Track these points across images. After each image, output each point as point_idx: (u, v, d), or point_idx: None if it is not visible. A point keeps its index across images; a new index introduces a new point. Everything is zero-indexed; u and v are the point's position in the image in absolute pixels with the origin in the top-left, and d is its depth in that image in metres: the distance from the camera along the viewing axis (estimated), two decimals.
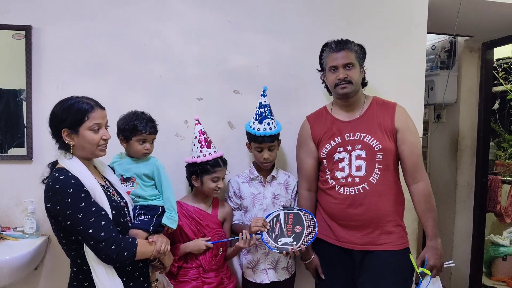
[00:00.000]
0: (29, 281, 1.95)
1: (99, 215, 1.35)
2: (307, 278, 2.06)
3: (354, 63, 1.78)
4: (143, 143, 1.65)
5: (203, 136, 1.88)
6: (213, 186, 1.84)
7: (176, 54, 2.04)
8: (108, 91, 1.97)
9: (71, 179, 1.34)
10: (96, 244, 1.32)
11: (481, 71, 3.24)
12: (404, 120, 1.79)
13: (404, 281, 1.74)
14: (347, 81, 1.76)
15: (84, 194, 1.34)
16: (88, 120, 1.39)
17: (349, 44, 1.79)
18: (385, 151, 1.75)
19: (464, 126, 3.27)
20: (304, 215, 1.85)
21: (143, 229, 1.53)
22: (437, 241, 1.74)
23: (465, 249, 3.29)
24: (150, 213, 1.59)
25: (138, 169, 1.65)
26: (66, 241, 1.40)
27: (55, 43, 1.95)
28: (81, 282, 1.41)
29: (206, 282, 1.80)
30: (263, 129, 1.88)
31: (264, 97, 1.93)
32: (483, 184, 3.25)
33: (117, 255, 1.35)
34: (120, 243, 1.36)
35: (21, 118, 1.95)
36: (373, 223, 1.73)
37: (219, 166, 1.84)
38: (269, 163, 1.93)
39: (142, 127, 1.63)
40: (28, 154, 1.94)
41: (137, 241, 1.43)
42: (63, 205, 1.31)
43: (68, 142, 1.39)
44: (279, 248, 1.77)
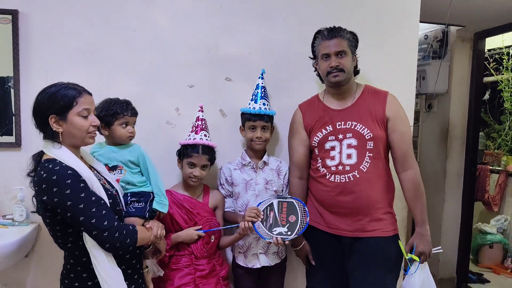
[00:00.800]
0: (20, 268, 1.94)
1: (99, 204, 1.33)
2: (298, 263, 2.08)
3: (346, 51, 1.77)
4: (126, 126, 1.62)
5: (198, 122, 1.88)
6: (188, 171, 1.83)
7: (167, 40, 2.02)
8: (97, 78, 1.94)
9: (67, 170, 1.31)
10: (99, 233, 1.31)
11: (472, 61, 3.27)
12: (395, 109, 1.79)
13: (393, 267, 1.77)
14: (339, 69, 1.75)
15: (82, 184, 1.32)
16: (76, 105, 1.34)
17: (341, 31, 1.79)
18: (375, 139, 1.76)
19: (454, 116, 3.30)
20: (298, 204, 1.86)
21: (140, 216, 1.54)
22: (425, 227, 1.76)
23: (453, 237, 3.35)
24: (143, 200, 1.58)
25: (122, 156, 1.62)
26: (62, 233, 1.37)
27: (43, 28, 1.91)
28: (79, 274, 1.39)
29: (198, 269, 1.82)
30: (259, 108, 1.92)
31: (262, 79, 1.97)
32: (472, 173, 3.31)
33: (120, 243, 1.34)
34: (122, 231, 1.35)
35: (9, 105, 1.92)
36: (363, 210, 1.75)
37: (197, 153, 1.82)
38: (261, 144, 1.93)
39: (123, 109, 1.61)
40: (16, 141, 1.92)
41: (137, 228, 1.42)
42: (62, 197, 1.28)
43: (56, 129, 1.34)
44: (273, 237, 1.78)
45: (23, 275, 1.96)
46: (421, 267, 1.74)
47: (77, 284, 1.40)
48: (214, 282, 1.84)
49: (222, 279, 1.89)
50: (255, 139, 1.92)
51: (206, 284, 1.81)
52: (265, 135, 1.93)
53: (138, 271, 1.54)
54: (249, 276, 1.96)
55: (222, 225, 1.93)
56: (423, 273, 1.75)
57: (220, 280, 1.87)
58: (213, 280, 1.84)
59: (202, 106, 1.92)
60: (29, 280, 1.97)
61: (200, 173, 1.83)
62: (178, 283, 1.78)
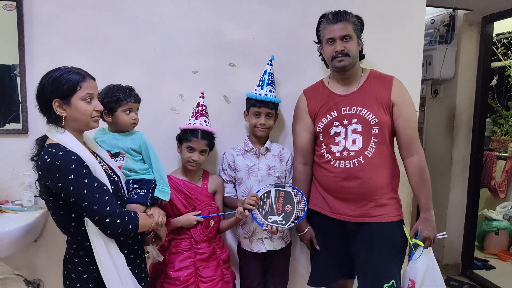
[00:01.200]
0: (29, 253, 1.98)
1: (102, 190, 1.34)
2: (303, 248, 2.10)
3: (351, 35, 1.75)
4: (129, 113, 1.62)
5: (198, 108, 1.90)
6: (187, 156, 1.85)
7: (170, 26, 2.01)
8: (101, 64, 1.94)
9: (71, 155, 1.31)
10: (102, 219, 1.32)
11: (480, 46, 3.21)
12: (401, 94, 1.78)
13: (398, 252, 1.78)
14: (344, 53, 1.74)
15: (86, 170, 1.32)
16: (80, 89, 1.35)
17: (347, 15, 1.76)
18: (380, 124, 1.75)
19: (461, 102, 3.26)
20: (295, 193, 1.86)
21: (142, 203, 1.55)
22: (430, 213, 1.76)
23: (459, 223, 3.34)
24: (145, 187, 1.59)
25: (125, 143, 1.62)
26: (64, 218, 1.38)
27: (47, 15, 1.91)
28: (82, 258, 1.41)
29: (198, 253, 1.84)
30: (265, 94, 1.91)
31: (270, 65, 1.97)
32: (478, 160, 3.28)
33: (122, 229, 1.35)
34: (124, 217, 1.36)
35: (15, 93, 1.93)
36: (368, 196, 1.75)
37: (196, 137, 1.84)
38: (264, 131, 1.94)
39: (126, 96, 1.60)
40: (23, 128, 1.94)
41: (138, 215, 1.44)
42: (66, 182, 1.28)
43: (60, 113, 1.35)
44: (268, 225, 1.80)
45: (32, 259, 2.01)
46: (425, 252, 1.75)
47: (80, 269, 1.42)
48: (214, 265, 1.86)
49: (223, 262, 1.91)
50: (259, 125, 1.92)
51: (206, 267, 1.83)
52: (269, 122, 1.93)
53: (140, 256, 1.57)
54: (255, 260, 1.98)
55: (221, 210, 1.95)
56: (427, 258, 1.75)
57: (220, 263, 1.89)
58: (213, 263, 1.86)
59: (203, 92, 1.92)
60: (38, 264, 2.01)
61: (198, 158, 1.84)
62: (178, 266, 1.81)
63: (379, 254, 1.74)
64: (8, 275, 1.96)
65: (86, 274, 1.41)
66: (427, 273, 1.73)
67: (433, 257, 1.77)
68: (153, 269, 1.89)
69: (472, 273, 3.33)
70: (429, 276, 1.73)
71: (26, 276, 1.98)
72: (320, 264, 1.93)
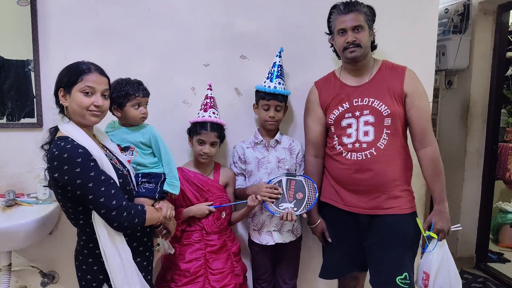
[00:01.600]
0: (44, 245, 2.02)
1: (109, 184, 1.35)
2: (314, 242, 2.10)
3: (363, 25, 1.73)
4: (138, 107, 1.61)
5: (207, 100, 1.90)
6: (198, 149, 1.85)
7: (181, 19, 2.01)
8: (115, 58, 1.95)
9: (78, 148, 1.33)
10: (108, 212, 1.33)
11: (495, 35, 3.13)
12: (414, 85, 1.76)
13: (411, 245, 1.77)
14: (356, 44, 1.72)
15: (93, 163, 1.33)
16: (81, 81, 1.36)
17: (358, 5, 1.74)
18: (393, 116, 1.73)
19: (475, 93, 3.19)
20: (306, 182, 1.87)
21: (150, 197, 1.55)
22: (444, 205, 1.74)
23: (473, 216, 3.30)
24: (153, 181, 1.59)
25: (134, 138, 1.62)
26: (73, 210, 1.40)
27: (60, 9, 1.93)
28: (92, 250, 1.43)
29: (209, 245, 1.85)
30: (274, 87, 1.90)
31: (279, 57, 1.96)
32: (493, 151, 3.23)
33: (128, 222, 1.36)
34: (130, 211, 1.37)
35: (30, 87, 1.96)
36: (380, 188, 1.74)
37: (205, 130, 1.84)
38: (274, 123, 1.93)
39: (134, 90, 1.60)
40: (38, 122, 1.97)
41: (146, 208, 1.44)
42: (72, 175, 1.30)
43: (62, 102, 1.38)
44: (280, 212, 1.81)
45: (48, 251, 2.04)
46: (439, 244, 1.73)
47: (90, 260, 1.44)
48: (224, 257, 1.87)
49: (234, 255, 1.92)
50: (268, 118, 1.91)
51: (216, 260, 1.84)
52: (278, 115, 1.92)
53: (149, 248, 1.59)
54: (264, 253, 1.99)
55: (232, 202, 1.95)
56: (441, 251, 1.73)
57: (231, 256, 1.90)
58: (223, 256, 1.87)
59: (211, 84, 1.93)
60: (53, 256, 2.05)
61: (209, 150, 1.85)
62: (189, 257, 1.83)
63: (391, 247, 1.73)
64: (24, 267, 2.00)
65: (96, 266, 1.44)
66: (442, 265, 1.72)
67: (447, 249, 1.76)
68: (164, 260, 1.91)
69: (486, 266, 3.29)
70: (444, 268, 1.72)
71: (42, 268, 2.02)
72: (332, 257, 1.93)
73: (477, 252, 3.35)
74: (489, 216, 3.32)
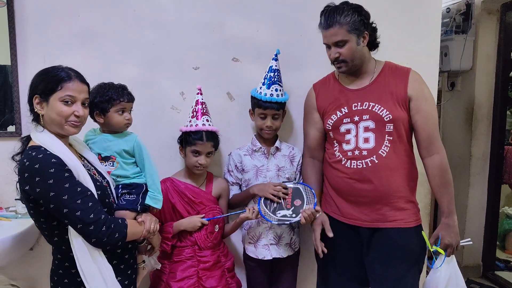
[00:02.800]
0: (25, 262, 1.91)
1: (85, 196, 1.25)
2: (312, 257, 1.98)
3: (345, 39, 1.58)
4: (122, 113, 1.51)
5: (198, 106, 1.78)
6: (193, 160, 1.74)
7: (169, 20, 1.91)
8: (98, 62, 1.86)
9: (51, 158, 1.23)
10: (85, 227, 1.23)
11: (499, 35, 3.05)
12: (419, 87, 1.63)
13: (415, 261, 1.64)
14: (340, 60, 1.62)
15: (67, 174, 1.24)
16: (61, 90, 1.26)
17: (338, 16, 1.56)
18: (396, 121, 1.61)
19: (480, 95, 3.11)
20: (304, 189, 1.78)
21: (131, 209, 1.44)
22: (452, 218, 1.62)
23: (479, 223, 3.20)
24: (134, 192, 1.48)
25: (118, 145, 1.51)
26: (47, 226, 1.30)
27: (39, 11, 1.83)
28: (67, 269, 1.33)
29: (201, 261, 1.74)
30: (270, 95, 1.79)
31: (276, 61, 1.83)
32: (499, 155, 3.14)
33: (108, 237, 1.27)
34: (110, 225, 1.28)
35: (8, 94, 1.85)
36: (383, 199, 1.62)
37: (201, 140, 1.73)
38: (271, 132, 1.83)
39: (119, 95, 1.50)
40: (16, 131, 1.86)
41: (127, 222, 1.35)
42: (45, 187, 1.20)
43: (38, 110, 1.28)
44: (277, 219, 1.71)
45: (29, 268, 1.93)
46: (447, 260, 1.61)
47: (66, 281, 1.34)
48: (218, 274, 1.75)
49: (228, 270, 1.80)
50: (265, 128, 1.81)
51: (210, 277, 1.72)
52: (275, 123, 1.82)
53: (131, 266, 1.48)
54: (261, 268, 1.87)
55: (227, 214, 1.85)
56: (449, 267, 1.61)
57: (225, 272, 1.79)
58: (217, 273, 1.75)
59: (201, 88, 1.80)
60: (35, 274, 1.93)
61: (205, 161, 1.75)
62: (180, 276, 1.71)
63: (394, 263, 1.61)
64: (4, 286, 1.89)
65: (72, 287, 1.33)
66: (450, 283, 1.60)
67: (456, 265, 1.64)
68: (153, 278, 1.80)
69: (494, 274, 3.19)
70: (452, 286, 1.60)
71: (23, 287, 1.91)
72: (330, 272, 1.80)
73: (483, 260, 3.25)
74: (495, 222, 3.24)
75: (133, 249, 1.49)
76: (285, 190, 1.77)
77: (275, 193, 1.75)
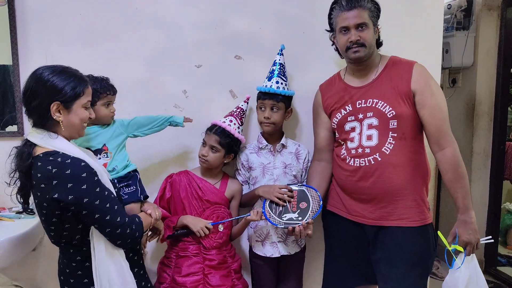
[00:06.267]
0: (28, 263, 1.89)
1: (112, 199, 1.27)
2: (318, 252, 1.99)
3: (367, 23, 1.59)
4: (108, 106, 1.56)
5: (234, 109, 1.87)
6: (199, 151, 1.79)
7: (171, 18, 1.90)
8: (100, 60, 1.85)
9: (80, 162, 1.21)
10: (113, 230, 1.25)
11: (500, 31, 3.04)
12: (423, 81, 1.59)
13: (420, 262, 1.60)
14: (360, 43, 1.58)
15: (96, 178, 1.24)
16: (83, 96, 1.27)
17: (361, 1, 1.59)
18: (399, 117, 1.58)
19: (481, 91, 3.10)
20: (308, 190, 1.77)
21: (135, 201, 1.50)
22: (469, 214, 1.55)
23: (481, 218, 3.18)
24: (131, 183, 1.53)
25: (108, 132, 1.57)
26: (70, 231, 1.27)
27: (40, 9, 1.81)
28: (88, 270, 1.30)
29: (207, 259, 1.73)
30: (270, 86, 1.80)
31: (280, 55, 1.84)
32: (500, 151, 3.13)
33: (131, 238, 1.30)
34: (132, 226, 1.30)
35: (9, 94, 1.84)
36: (386, 197, 1.59)
37: (210, 130, 1.80)
38: (270, 125, 1.81)
39: (105, 89, 1.54)
40: (19, 131, 1.85)
41: (141, 219, 1.37)
42: (79, 193, 1.18)
43: (57, 118, 1.23)
44: (284, 223, 1.69)
45: (32, 269, 1.91)
46: (467, 260, 1.54)
47: (86, 280, 1.32)
48: (224, 273, 1.74)
49: (234, 272, 1.79)
50: (263, 119, 1.80)
51: (215, 275, 1.71)
52: (274, 116, 1.80)
53: (138, 253, 1.50)
54: (268, 266, 1.86)
55: (235, 216, 1.83)
56: (469, 266, 1.54)
57: (231, 273, 1.78)
58: (223, 272, 1.74)
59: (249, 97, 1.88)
60: (38, 274, 1.92)
61: (207, 153, 1.75)
62: (186, 271, 1.70)
63: (398, 264, 1.58)
64: (6, 286, 1.87)
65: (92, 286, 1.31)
66: (470, 284, 1.53)
67: (477, 265, 1.57)
68: (160, 272, 1.80)
69: (496, 270, 3.18)
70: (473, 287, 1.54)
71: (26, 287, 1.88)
72: (336, 268, 1.80)
73: (486, 256, 3.23)
74: (497, 218, 3.23)
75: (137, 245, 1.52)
76: (291, 194, 1.75)
77: (280, 196, 1.73)
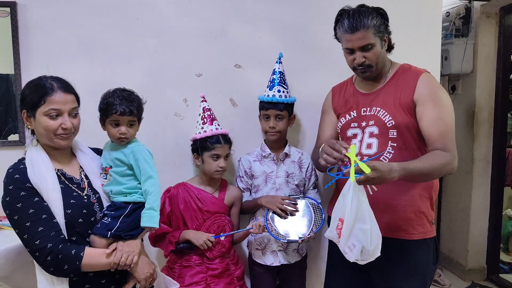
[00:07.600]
0: (29, 272, 1.84)
1: (37, 219, 1.18)
2: (319, 261, 1.98)
3: (372, 42, 1.51)
4: (116, 126, 1.36)
5: (206, 113, 1.79)
6: (214, 165, 1.73)
7: (171, 28, 1.91)
8: (101, 70, 1.86)
9: (15, 174, 1.22)
10: (31, 252, 1.20)
11: (499, 38, 3.07)
12: (427, 91, 1.53)
13: (419, 275, 1.57)
14: (366, 65, 1.54)
15: (23, 193, 1.19)
16: (44, 104, 1.21)
17: (364, 19, 1.48)
18: (399, 127, 1.54)
19: (480, 98, 3.11)
20: (311, 203, 1.77)
21: (99, 235, 1.28)
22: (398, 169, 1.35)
23: (482, 225, 3.18)
24: (112, 214, 1.31)
25: (113, 154, 1.38)
26: None
27: (42, 20, 1.83)
28: None
29: (210, 268, 1.72)
30: (272, 95, 1.79)
31: (279, 64, 1.84)
32: (501, 158, 3.14)
33: (54, 267, 1.19)
34: (57, 255, 1.18)
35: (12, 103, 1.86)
36: (385, 207, 1.55)
37: (219, 143, 1.73)
38: (276, 134, 1.81)
39: (114, 106, 1.34)
40: (20, 140, 1.86)
41: (83, 253, 1.22)
42: (4, 204, 1.21)
43: (28, 125, 1.26)
44: (287, 239, 1.70)
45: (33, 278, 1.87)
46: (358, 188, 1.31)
47: None
48: (227, 282, 1.74)
49: (237, 279, 1.78)
50: (269, 129, 1.80)
51: (218, 284, 1.71)
52: (279, 124, 1.80)
53: None
54: (268, 274, 1.85)
55: (236, 223, 1.84)
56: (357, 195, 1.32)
57: (234, 280, 1.77)
58: (226, 280, 1.74)
59: (204, 95, 1.81)
60: None
61: (225, 163, 1.76)
62: (189, 281, 1.70)
63: (395, 277, 1.57)
64: None
65: None
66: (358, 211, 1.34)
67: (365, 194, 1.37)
68: None
69: (498, 277, 3.16)
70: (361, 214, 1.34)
71: None
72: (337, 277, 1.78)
73: (488, 262, 3.22)
74: (499, 224, 3.23)
75: (115, 274, 1.33)
76: (295, 206, 1.74)
77: (283, 208, 1.72)
